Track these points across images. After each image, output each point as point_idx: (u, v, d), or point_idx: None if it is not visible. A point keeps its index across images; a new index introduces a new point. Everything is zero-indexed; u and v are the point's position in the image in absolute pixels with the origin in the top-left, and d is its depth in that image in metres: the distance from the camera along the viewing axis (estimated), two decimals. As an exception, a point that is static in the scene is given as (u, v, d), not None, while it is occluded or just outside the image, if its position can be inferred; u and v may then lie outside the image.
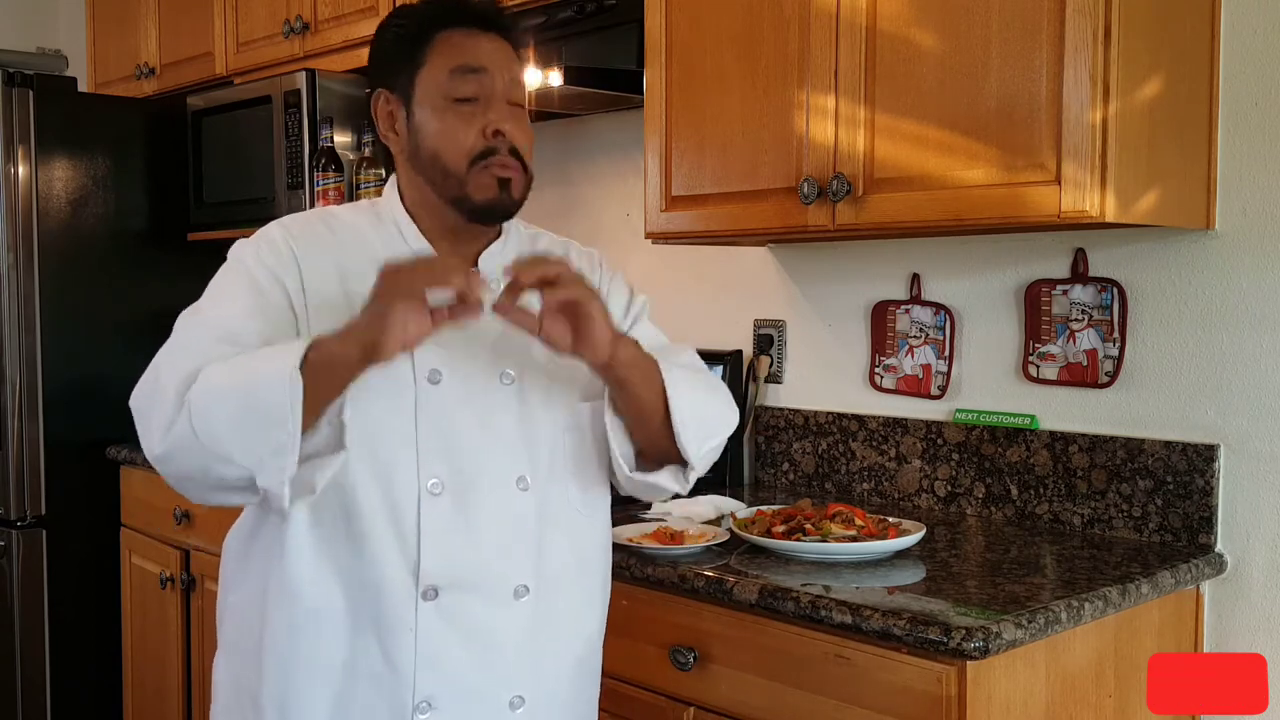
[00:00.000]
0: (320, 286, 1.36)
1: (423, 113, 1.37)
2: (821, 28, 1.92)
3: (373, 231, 1.42)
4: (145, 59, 3.67)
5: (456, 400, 1.35)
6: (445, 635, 1.34)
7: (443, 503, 1.33)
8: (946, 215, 1.79)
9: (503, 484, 1.36)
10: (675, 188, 2.18)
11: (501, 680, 1.37)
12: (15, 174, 3.11)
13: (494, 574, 1.36)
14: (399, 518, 1.32)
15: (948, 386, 2.20)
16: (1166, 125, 1.76)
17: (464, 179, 1.36)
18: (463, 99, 1.36)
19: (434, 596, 1.33)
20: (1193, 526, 1.88)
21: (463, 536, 1.34)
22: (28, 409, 3.13)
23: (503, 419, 1.37)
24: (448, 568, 1.33)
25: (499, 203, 1.37)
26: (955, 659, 1.45)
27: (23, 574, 3.14)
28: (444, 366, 1.35)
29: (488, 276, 1.33)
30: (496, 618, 1.36)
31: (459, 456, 1.34)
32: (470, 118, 1.36)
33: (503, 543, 1.36)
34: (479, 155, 1.35)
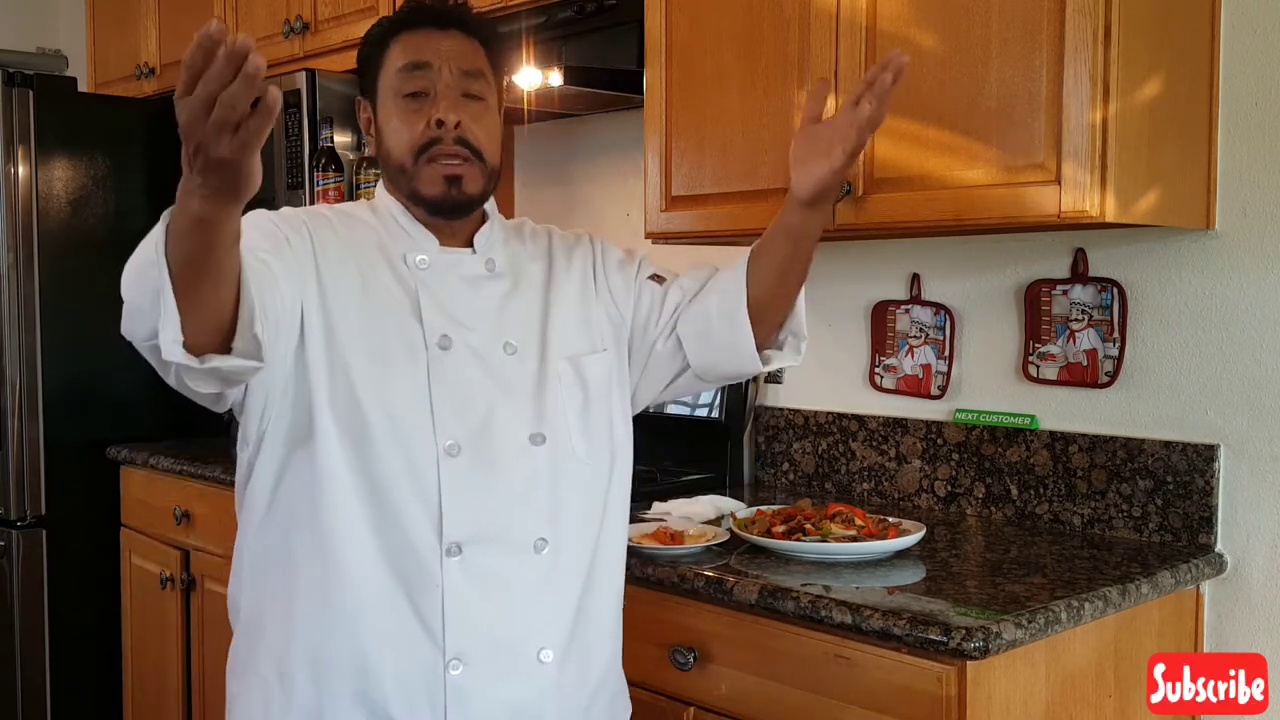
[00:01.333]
0: (330, 260, 1.40)
1: (383, 113, 1.44)
2: (821, 28, 1.92)
3: (376, 222, 1.48)
4: (145, 59, 3.67)
5: (467, 365, 1.41)
6: (470, 591, 1.37)
7: (460, 463, 1.38)
8: (946, 215, 1.79)
9: (517, 441, 1.41)
10: (675, 188, 2.18)
11: (528, 632, 1.41)
12: (15, 174, 3.11)
13: (514, 527, 1.40)
14: (420, 479, 1.37)
15: (948, 386, 2.20)
16: (1166, 125, 1.76)
17: (412, 173, 1.42)
18: (411, 94, 1.41)
19: (458, 553, 1.37)
20: (1192, 526, 1.88)
21: (481, 494, 1.38)
22: (28, 409, 3.14)
23: (508, 382, 1.43)
24: (469, 524, 1.37)
25: (448, 198, 1.42)
26: (955, 659, 1.45)
27: (23, 574, 3.14)
28: (452, 333, 1.41)
29: (483, 255, 1.48)
30: (518, 570, 1.40)
31: (473, 418, 1.39)
32: (417, 112, 1.40)
33: (519, 499, 1.41)
34: (422, 148, 1.40)
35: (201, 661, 2.89)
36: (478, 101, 1.43)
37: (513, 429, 1.42)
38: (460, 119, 1.40)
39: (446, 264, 1.46)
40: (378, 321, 1.40)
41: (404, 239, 1.46)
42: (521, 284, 1.50)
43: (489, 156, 1.44)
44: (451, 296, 1.44)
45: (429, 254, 1.46)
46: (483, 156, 1.43)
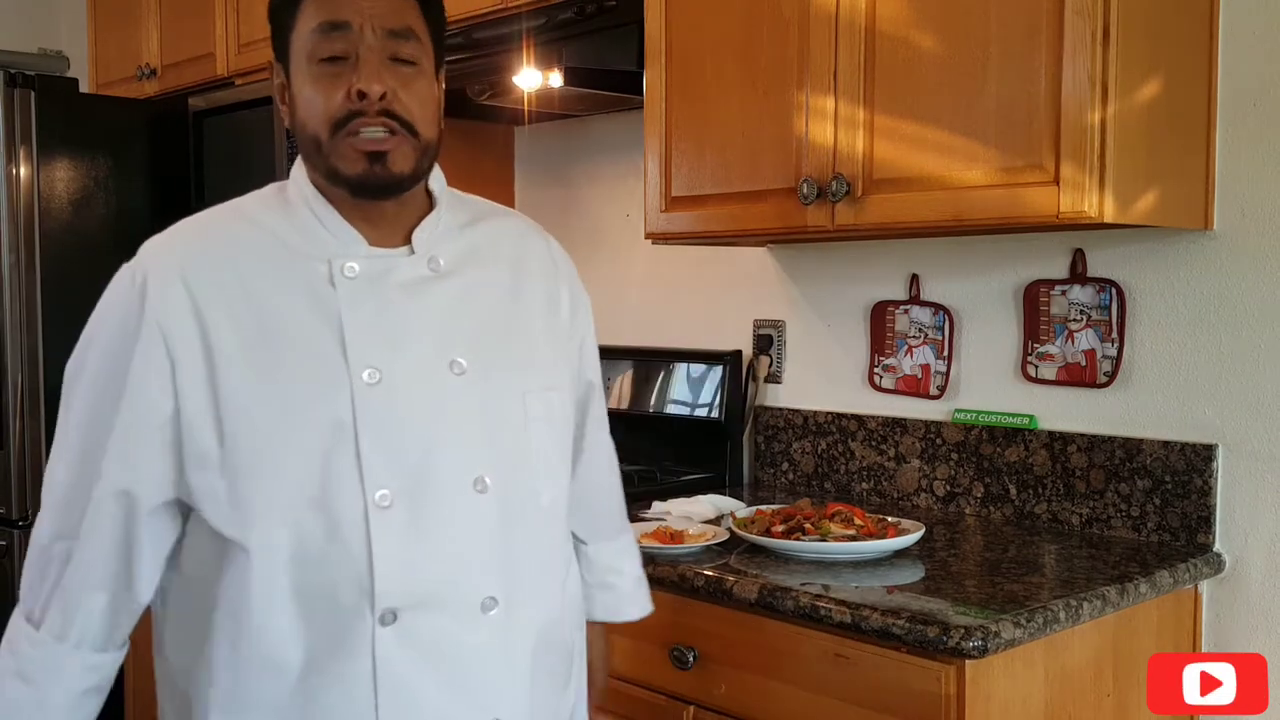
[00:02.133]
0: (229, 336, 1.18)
1: (296, 80, 1.21)
2: (821, 29, 1.93)
3: (284, 224, 1.24)
4: (147, 60, 3.67)
5: (400, 399, 1.19)
6: (408, 661, 1.19)
7: (394, 515, 1.17)
8: (945, 216, 1.79)
9: (459, 487, 1.21)
10: (675, 188, 2.18)
11: (474, 703, 1.23)
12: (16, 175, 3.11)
13: (457, 587, 1.21)
14: (346, 538, 1.17)
15: (946, 386, 2.20)
16: (1165, 126, 1.76)
17: (328, 149, 1.19)
18: (328, 59, 1.18)
19: (392, 620, 1.18)
20: (1191, 526, 1.89)
21: (419, 549, 1.19)
22: (29, 409, 3.14)
23: (455, 414, 1.22)
24: (405, 586, 1.18)
25: (371, 176, 1.19)
26: (954, 658, 1.46)
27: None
28: (382, 363, 1.19)
29: (425, 254, 1.25)
30: (464, 635, 1.21)
31: (408, 462, 1.19)
32: (335, 79, 1.18)
33: (463, 552, 1.22)
34: (341, 121, 1.18)
35: (202, 661, 2.89)
36: (408, 66, 1.20)
37: (455, 471, 1.21)
38: (386, 88, 1.17)
39: (379, 270, 1.22)
40: (293, 374, 1.18)
41: (323, 243, 1.22)
42: (479, 287, 1.28)
43: (422, 129, 1.20)
44: (384, 312, 1.21)
45: (356, 258, 1.22)
46: (414, 129, 1.19)
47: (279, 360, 1.18)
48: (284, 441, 1.17)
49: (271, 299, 1.20)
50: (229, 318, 1.18)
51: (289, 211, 1.25)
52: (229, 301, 1.19)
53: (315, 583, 1.18)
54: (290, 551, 1.17)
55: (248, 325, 1.18)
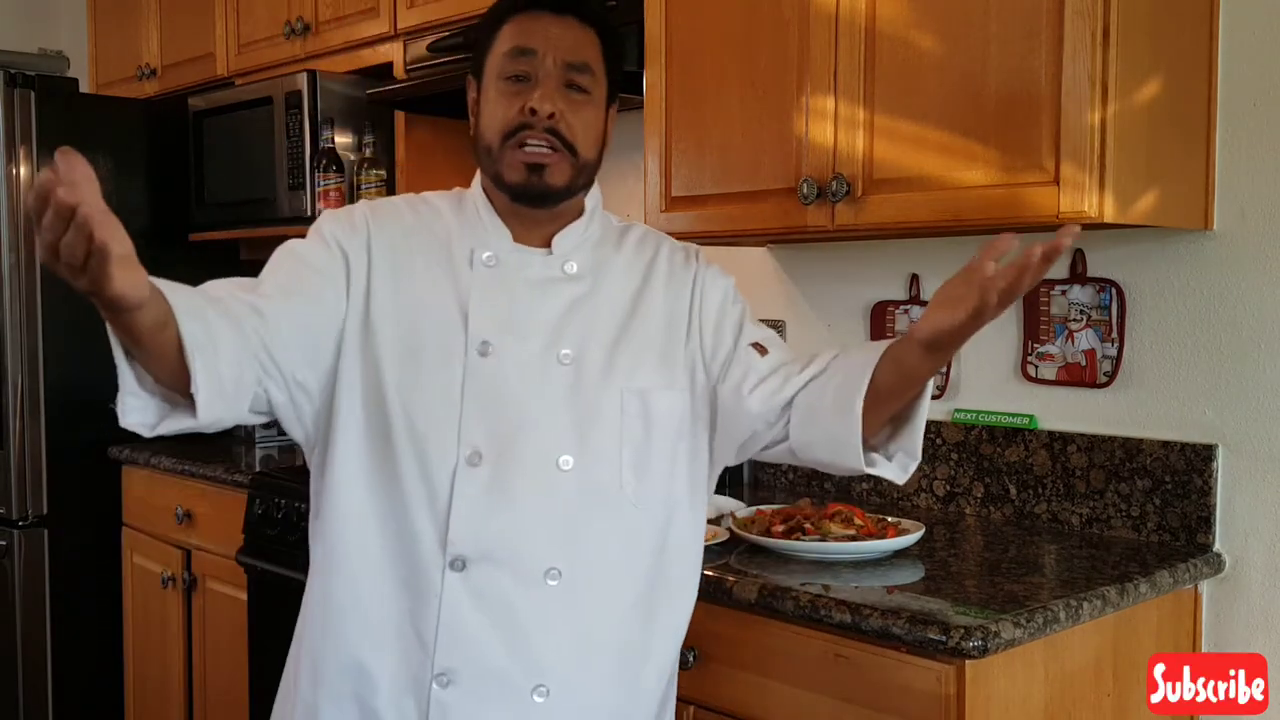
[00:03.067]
0: (385, 257, 1.39)
1: (484, 94, 1.40)
2: (821, 29, 1.93)
3: (453, 214, 1.45)
4: (146, 60, 3.68)
5: (506, 374, 1.35)
6: (470, 609, 1.32)
7: (479, 475, 1.33)
8: (945, 216, 1.79)
9: (543, 461, 1.34)
10: (675, 188, 2.18)
11: (525, 665, 1.34)
12: (17, 174, 3.11)
13: (524, 551, 1.33)
14: (433, 486, 1.33)
15: (946, 386, 2.20)
16: (1165, 126, 1.76)
17: (497, 156, 1.37)
18: (512, 77, 1.36)
19: (461, 568, 1.32)
20: (1191, 526, 1.89)
21: (495, 511, 1.33)
22: (29, 409, 3.14)
23: (552, 397, 1.36)
24: (476, 540, 1.32)
25: (529, 185, 1.37)
26: (954, 658, 1.46)
27: (25, 574, 3.14)
28: (496, 339, 1.36)
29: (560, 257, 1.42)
30: (525, 598, 1.33)
31: (501, 430, 1.34)
32: (515, 96, 1.36)
33: (535, 521, 1.34)
34: (511, 131, 1.35)
35: (203, 661, 2.90)
36: (580, 94, 1.37)
37: (544, 447, 1.35)
38: (556, 109, 1.35)
39: (515, 263, 1.41)
40: (420, 323, 1.37)
41: (477, 233, 1.42)
42: (602, 294, 1.42)
43: (582, 150, 1.38)
44: (509, 299, 1.38)
45: (499, 250, 1.41)
46: (574, 149, 1.37)
47: (412, 314, 1.37)
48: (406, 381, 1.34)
49: (421, 267, 1.40)
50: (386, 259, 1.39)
51: (458, 205, 1.46)
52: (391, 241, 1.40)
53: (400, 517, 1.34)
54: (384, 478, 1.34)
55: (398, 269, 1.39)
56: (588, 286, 1.42)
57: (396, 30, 2.83)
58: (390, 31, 2.85)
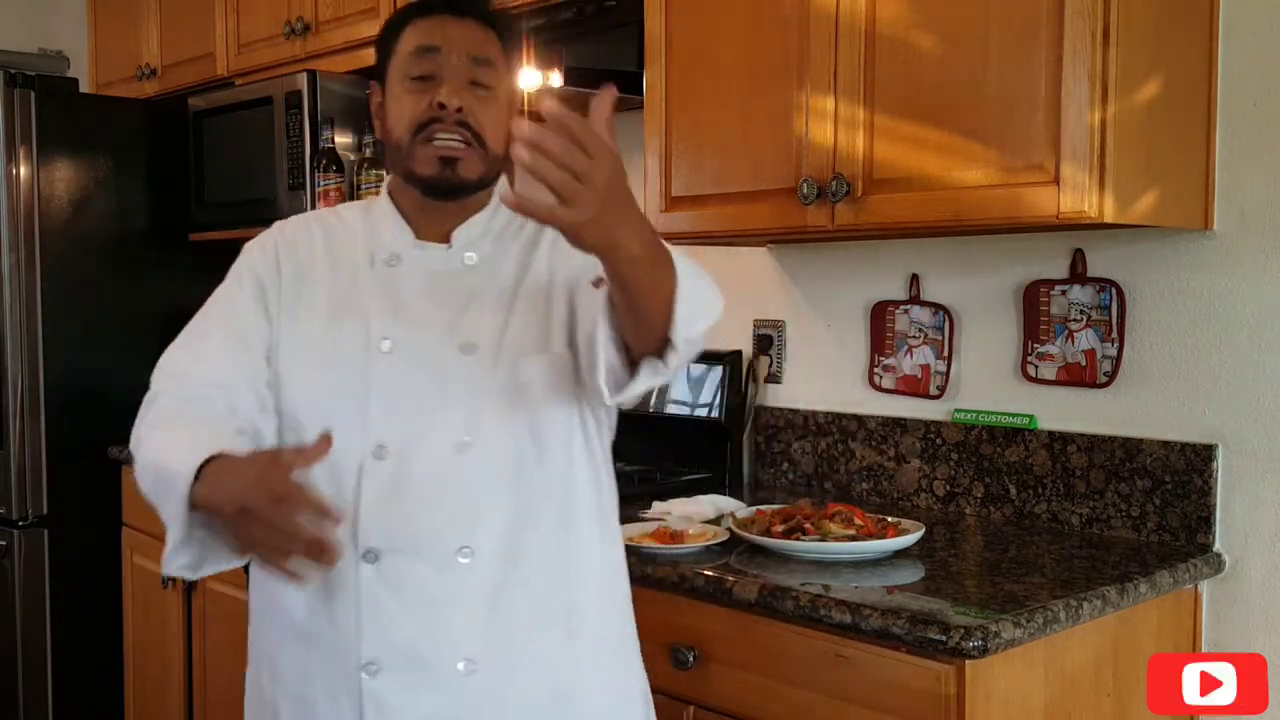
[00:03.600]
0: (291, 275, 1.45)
1: (390, 95, 1.42)
2: (821, 29, 1.93)
3: (359, 222, 1.49)
4: (147, 60, 3.67)
5: (408, 368, 1.38)
6: (386, 598, 1.35)
7: (385, 468, 1.36)
8: (945, 216, 1.79)
9: (444, 447, 1.37)
10: (675, 188, 2.18)
11: (449, 643, 1.36)
12: (17, 174, 3.11)
13: (432, 535, 1.36)
14: (341, 482, 1.35)
15: (946, 386, 2.20)
16: (1165, 126, 1.76)
17: (408, 151, 1.39)
18: (418, 77, 1.39)
19: (374, 560, 1.35)
20: (1191, 526, 1.89)
21: (400, 500, 1.36)
22: (29, 409, 3.14)
23: (453, 386, 1.38)
24: (384, 531, 1.35)
25: (442, 178, 1.39)
26: (954, 658, 1.46)
27: (24, 573, 3.14)
28: (396, 335, 1.38)
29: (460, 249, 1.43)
30: (440, 580, 1.36)
31: (407, 423, 1.37)
32: (422, 93, 1.38)
33: (440, 504, 1.37)
34: (421, 125, 1.37)
35: (203, 661, 2.90)
36: (485, 89, 1.40)
37: (445, 435, 1.37)
38: (464, 103, 1.37)
39: (416, 259, 1.44)
40: (323, 331, 1.41)
41: (379, 235, 1.45)
42: (497, 279, 1.44)
43: (491, 143, 1.40)
44: (410, 295, 1.41)
45: (400, 249, 1.44)
46: (484, 142, 1.39)
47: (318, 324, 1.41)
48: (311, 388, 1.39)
49: (324, 279, 1.44)
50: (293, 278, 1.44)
51: (366, 212, 1.50)
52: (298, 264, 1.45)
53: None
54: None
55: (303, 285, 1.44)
56: (486, 276, 1.43)
57: (396, 30, 2.83)
58: (390, 31, 2.85)
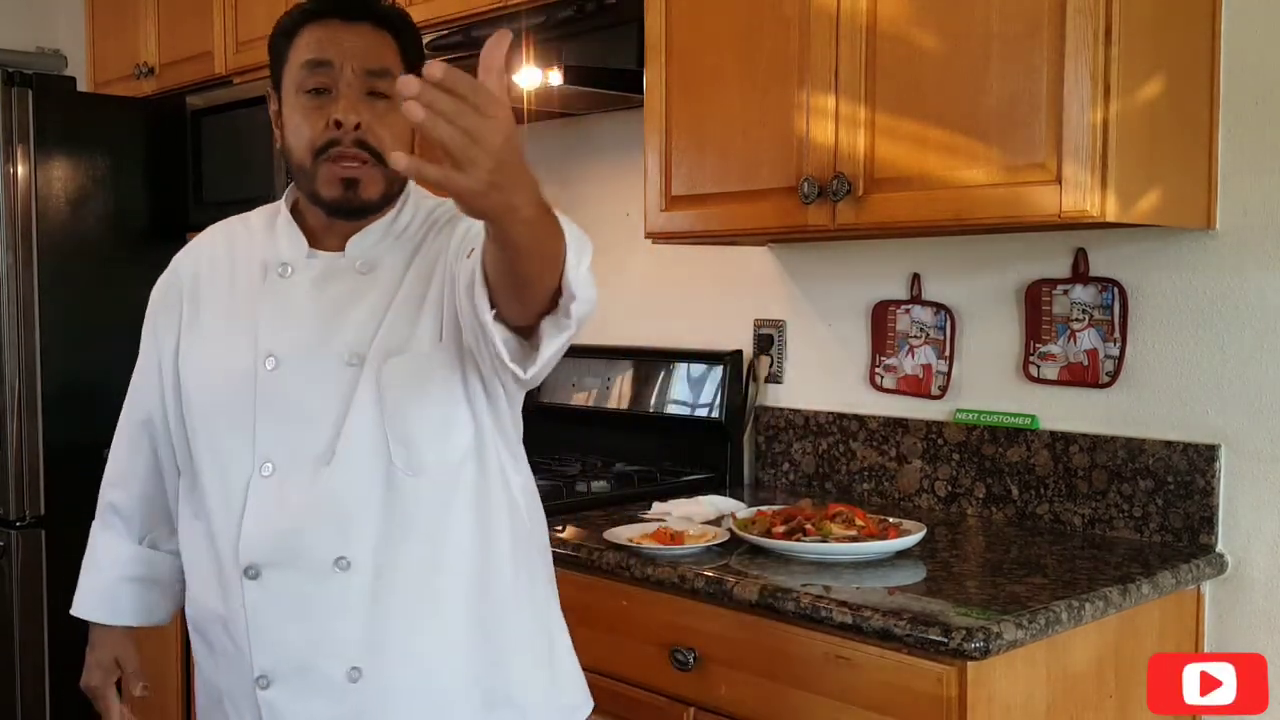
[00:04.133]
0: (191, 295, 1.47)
1: (286, 108, 1.39)
2: (821, 28, 1.92)
3: (263, 230, 1.47)
4: (144, 59, 3.66)
5: (292, 384, 1.37)
6: (270, 611, 1.36)
7: (269, 484, 1.36)
8: (947, 215, 1.79)
9: (321, 460, 1.35)
10: (675, 187, 2.18)
11: (334, 653, 1.36)
12: (14, 174, 3.10)
13: (308, 549, 1.35)
14: (230, 498, 1.37)
15: (948, 386, 2.20)
16: (1167, 125, 1.76)
17: (311, 173, 1.36)
18: (311, 91, 1.35)
19: (255, 575, 1.36)
20: (1193, 526, 1.88)
21: (278, 514, 1.36)
22: (27, 409, 3.13)
23: (335, 398, 1.36)
24: (263, 546, 1.36)
25: (344, 200, 1.36)
26: (956, 659, 1.45)
27: (22, 574, 3.13)
28: (283, 351, 1.37)
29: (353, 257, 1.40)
30: (320, 591, 1.36)
31: (289, 439, 1.36)
32: (317, 110, 1.35)
33: (313, 517, 1.35)
34: (320, 148, 1.34)
35: (201, 662, 2.89)
36: (382, 100, 1.35)
37: (318, 446, 1.36)
38: (361, 119, 1.33)
39: (306, 268, 1.41)
40: (218, 347, 1.41)
41: (276, 245, 1.43)
42: (381, 283, 1.40)
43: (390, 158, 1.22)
44: (297, 307, 1.39)
45: (293, 260, 1.41)
46: (384, 159, 1.33)
47: (212, 339, 1.43)
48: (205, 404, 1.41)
49: (221, 288, 1.45)
50: (192, 295, 1.46)
51: (272, 217, 1.47)
52: (197, 282, 1.47)
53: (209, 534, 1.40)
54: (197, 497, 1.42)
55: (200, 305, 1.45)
56: (372, 281, 1.40)
57: (395, 29, 2.82)
58: (389, 30, 2.84)
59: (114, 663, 1.62)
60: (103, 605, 1.62)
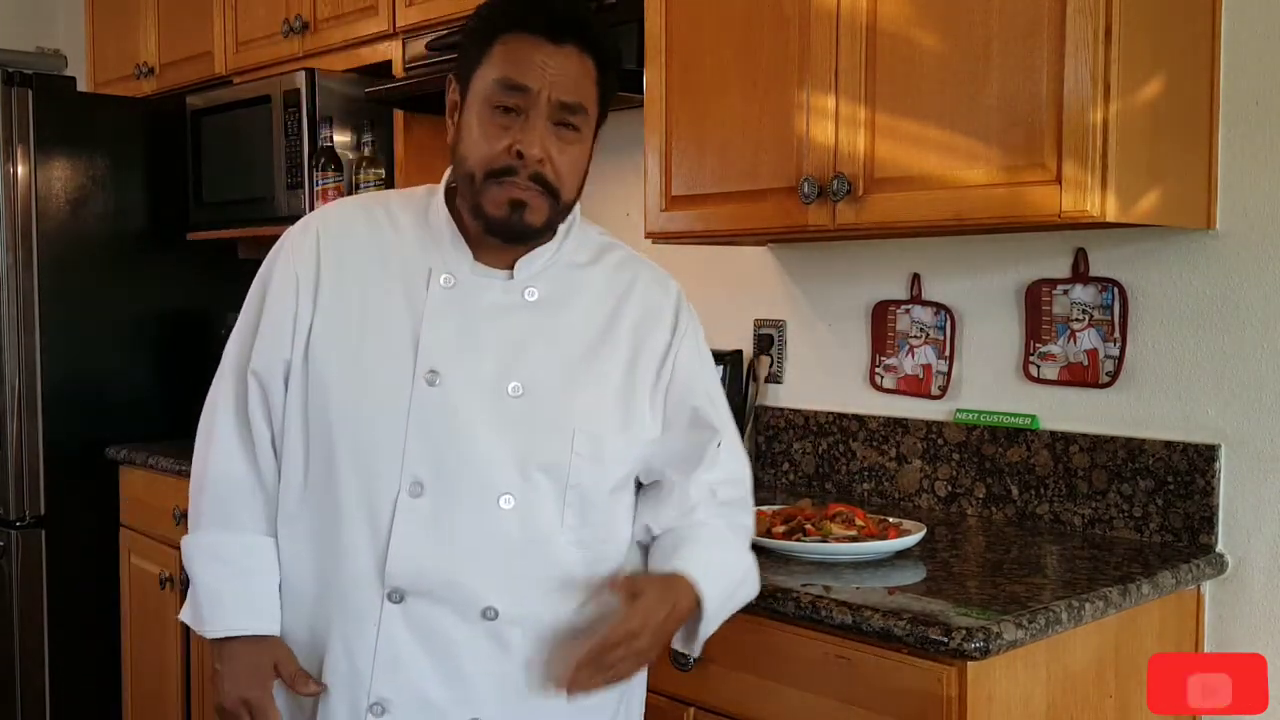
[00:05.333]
0: (332, 276, 1.37)
1: (469, 111, 1.34)
2: (821, 27, 1.92)
3: (414, 227, 1.40)
4: (144, 58, 3.67)
5: (453, 405, 1.32)
6: (407, 640, 1.32)
7: (421, 506, 1.31)
8: (947, 215, 1.79)
9: (485, 498, 1.32)
10: (675, 187, 2.17)
11: (460, 700, 1.33)
12: (14, 174, 3.10)
13: (462, 589, 1.32)
14: (375, 515, 1.31)
15: (948, 386, 2.20)
16: (1167, 124, 1.76)
17: (479, 189, 1.32)
18: (502, 108, 1.31)
19: (399, 600, 1.31)
20: (1193, 526, 1.88)
21: (434, 545, 1.31)
22: (27, 409, 3.13)
23: (499, 431, 1.32)
24: (415, 573, 1.31)
25: (509, 223, 1.32)
26: (956, 659, 1.45)
27: (22, 574, 3.13)
28: (445, 368, 1.32)
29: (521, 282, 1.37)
30: (461, 633, 1.32)
31: (445, 462, 1.31)
32: (503, 130, 1.30)
33: (473, 559, 1.32)
34: (496, 171, 1.31)
35: (201, 661, 2.89)
36: (570, 132, 1.32)
37: (486, 483, 1.32)
38: (545, 154, 1.30)
39: (474, 286, 1.36)
40: (368, 347, 1.35)
41: (438, 252, 1.37)
42: (563, 322, 1.38)
43: (565, 194, 1.34)
44: (463, 325, 1.34)
45: (458, 272, 1.36)
46: (558, 194, 1.33)
47: (361, 337, 1.34)
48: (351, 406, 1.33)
49: (374, 283, 1.36)
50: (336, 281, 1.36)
51: (422, 216, 1.40)
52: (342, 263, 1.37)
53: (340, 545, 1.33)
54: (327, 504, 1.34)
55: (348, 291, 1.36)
56: (548, 314, 1.38)
57: (395, 29, 2.83)
58: (389, 30, 2.84)
59: (272, 668, 1.38)
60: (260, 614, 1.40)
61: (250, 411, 1.39)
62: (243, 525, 1.40)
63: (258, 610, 1.38)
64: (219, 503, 1.40)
